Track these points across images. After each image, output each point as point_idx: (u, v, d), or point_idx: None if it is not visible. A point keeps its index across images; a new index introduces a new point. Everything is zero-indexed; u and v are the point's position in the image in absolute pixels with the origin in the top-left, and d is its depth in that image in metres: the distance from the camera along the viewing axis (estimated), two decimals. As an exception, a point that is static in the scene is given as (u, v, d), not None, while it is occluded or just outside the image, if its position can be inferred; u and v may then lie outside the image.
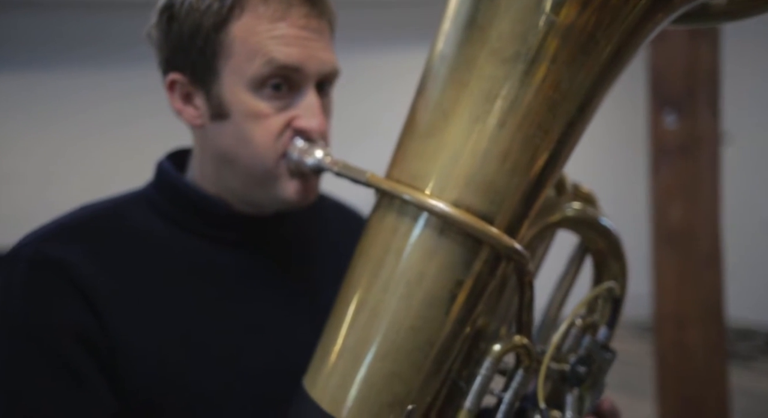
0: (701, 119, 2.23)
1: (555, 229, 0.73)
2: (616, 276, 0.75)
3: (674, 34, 2.25)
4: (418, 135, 0.60)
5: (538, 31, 0.56)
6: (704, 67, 2.22)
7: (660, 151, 2.31)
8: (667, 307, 2.28)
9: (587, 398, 0.70)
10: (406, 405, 0.56)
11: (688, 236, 2.24)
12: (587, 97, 0.59)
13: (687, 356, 2.21)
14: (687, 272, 2.25)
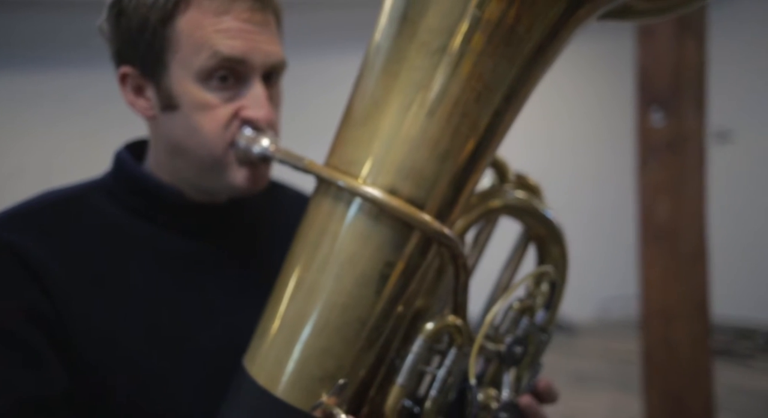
0: (687, 117, 2.25)
1: (497, 215, 0.76)
2: (557, 261, 0.78)
3: (661, 33, 2.27)
4: (353, 123, 0.63)
5: (463, 24, 0.59)
6: (690, 65, 2.24)
7: (647, 149, 2.33)
8: (654, 303, 2.30)
9: (524, 377, 0.73)
10: (337, 379, 0.59)
11: (674, 233, 2.26)
12: (513, 89, 0.62)
13: (673, 351, 2.23)
14: (673, 268, 2.27)
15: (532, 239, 0.79)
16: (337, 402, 0.59)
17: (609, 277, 5.81)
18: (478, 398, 0.69)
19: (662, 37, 2.24)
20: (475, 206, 0.72)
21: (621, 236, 5.43)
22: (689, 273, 2.25)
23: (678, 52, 2.23)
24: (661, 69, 2.27)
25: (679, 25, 2.21)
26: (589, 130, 6.16)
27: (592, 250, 6.14)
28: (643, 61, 2.31)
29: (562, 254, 0.78)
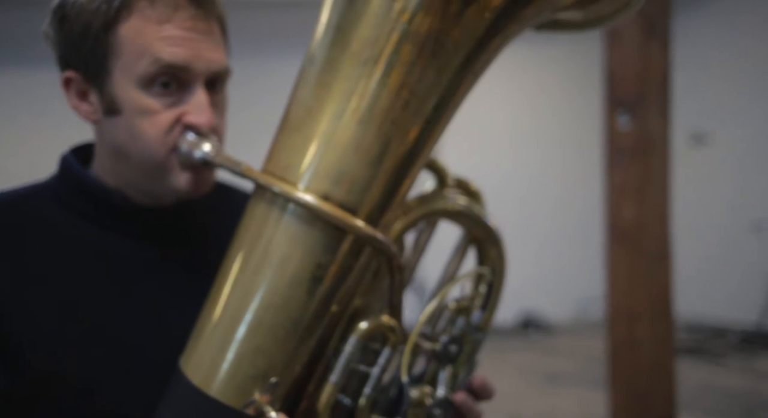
0: (653, 121, 2.30)
1: (436, 218, 0.78)
2: (494, 263, 0.81)
3: (628, 38, 2.32)
4: (289, 130, 0.66)
5: (391, 36, 0.62)
6: (656, 70, 2.29)
7: (614, 152, 2.38)
8: (619, 303, 2.35)
9: (460, 375, 0.76)
10: (269, 378, 0.62)
11: (639, 235, 2.31)
12: (442, 98, 0.65)
13: (637, 351, 2.27)
14: (638, 269, 2.32)
15: (471, 241, 0.81)
16: (269, 400, 0.61)
17: (585, 277, 5.88)
18: (414, 395, 0.71)
19: (629, 42, 2.29)
20: (414, 209, 0.74)
21: (597, 238, 5.50)
22: (653, 274, 2.30)
23: (644, 58, 2.28)
24: (628, 73, 2.32)
25: (645, 30, 2.26)
26: (559, 133, 6.23)
27: (568, 251, 6.21)
28: (611, 66, 2.35)
29: (499, 256, 0.81)
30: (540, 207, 6.22)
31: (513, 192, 6.09)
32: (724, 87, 5.80)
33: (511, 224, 6.64)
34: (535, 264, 6.05)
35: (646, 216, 2.31)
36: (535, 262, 6.06)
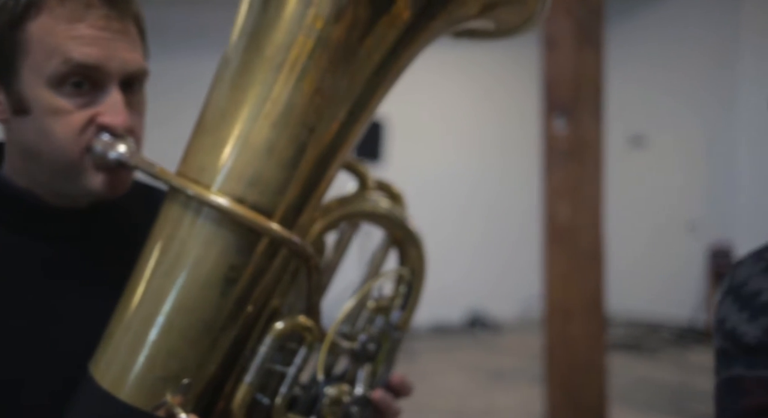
0: (587, 125, 2.38)
1: (357, 220, 0.80)
2: (414, 264, 0.83)
3: (563, 45, 2.39)
4: (203, 132, 0.66)
5: (307, 43, 0.63)
6: (589, 76, 2.38)
7: (551, 155, 2.45)
8: (555, 301, 2.42)
9: (378, 373, 0.77)
10: (181, 379, 0.62)
11: (573, 235, 2.39)
12: (356, 103, 0.67)
13: (571, 347, 2.35)
14: (573, 268, 2.40)
15: (392, 243, 0.83)
16: (181, 401, 0.62)
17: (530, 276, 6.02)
18: (331, 393, 0.73)
19: (564, 49, 2.37)
20: (334, 211, 0.76)
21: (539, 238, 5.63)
22: (586, 273, 2.38)
23: (578, 63, 2.36)
24: (564, 79, 2.40)
25: (580, 37, 2.35)
26: (499, 137, 6.36)
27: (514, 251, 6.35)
28: (547, 71, 2.43)
29: (419, 258, 0.83)
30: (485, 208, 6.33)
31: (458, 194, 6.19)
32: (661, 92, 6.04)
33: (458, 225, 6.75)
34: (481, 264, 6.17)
35: (581, 217, 2.39)
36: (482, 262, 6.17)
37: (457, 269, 5.98)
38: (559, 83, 2.38)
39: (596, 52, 2.37)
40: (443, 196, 6.12)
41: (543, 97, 2.43)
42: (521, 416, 3.62)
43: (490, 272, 6.14)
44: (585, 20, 2.30)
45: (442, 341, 5.65)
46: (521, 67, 5.85)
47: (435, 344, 5.51)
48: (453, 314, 6.13)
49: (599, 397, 2.32)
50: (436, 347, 5.42)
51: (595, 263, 2.40)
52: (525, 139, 5.82)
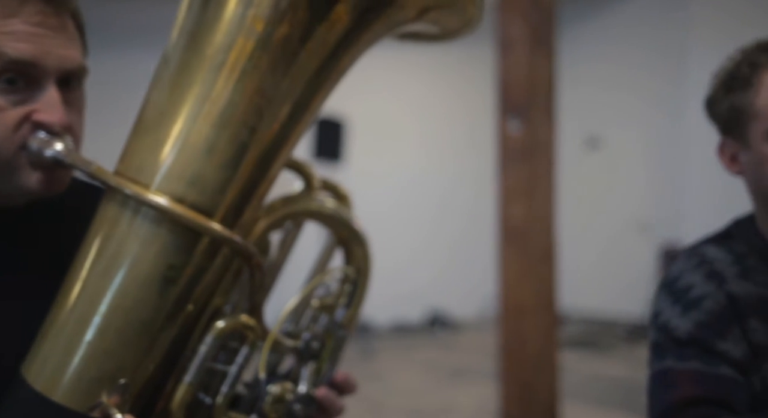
0: (540, 126, 2.44)
1: (302, 219, 0.81)
2: (360, 263, 0.84)
3: (517, 47, 2.44)
4: (142, 131, 0.66)
5: (247, 43, 0.64)
6: (542, 79, 2.43)
7: (505, 156, 2.50)
8: (509, 300, 2.47)
9: (322, 371, 0.78)
10: (117, 380, 0.62)
11: (526, 234, 2.44)
12: (298, 104, 0.67)
13: (524, 344, 2.40)
14: (526, 267, 2.45)
15: (338, 243, 0.84)
16: (118, 401, 0.61)
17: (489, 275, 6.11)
18: (274, 391, 0.73)
19: (518, 51, 2.42)
20: (278, 210, 0.76)
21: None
22: (539, 272, 2.43)
23: (532, 66, 2.41)
24: (518, 81, 2.44)
25: (533, 41, 2.40)
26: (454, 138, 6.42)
27: (473, 249, 6.43)
28: (502, 74, 2.47)
29: (365, 257, 0.84)
30: (445, 208, 6.39)
31: (418, 194, 6.24)
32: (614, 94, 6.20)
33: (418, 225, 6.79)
34: (441, 263, 6.23)
35: (534, 217, 2.44)
36: (442, 261, 6.23)
37: (417, 269, 6.03)
38: (513, 85, 2.42)
39: (549, 54, 2.42)
40: (403, 196, 6.15)
41: (498, 98, 2.48)
42: (477, 413, 3.67)
43: (450, 272, 6.20)
44: (538, 24, 2.35)
45: (403, 340, 5.68)
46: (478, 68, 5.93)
47: (395, 343, 5.54)
48: (413, 314, 6.17)
49: (551, 393, 2.37)
50: (396, 346, 5.45)
51: (547, 262, 2.45)
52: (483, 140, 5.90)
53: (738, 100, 0.90)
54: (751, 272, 0.92)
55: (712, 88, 0.95)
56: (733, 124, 0.92)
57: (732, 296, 0.90)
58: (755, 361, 0.87)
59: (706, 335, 0.88)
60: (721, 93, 0.93)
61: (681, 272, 0.97)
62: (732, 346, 0.87)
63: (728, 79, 0.92)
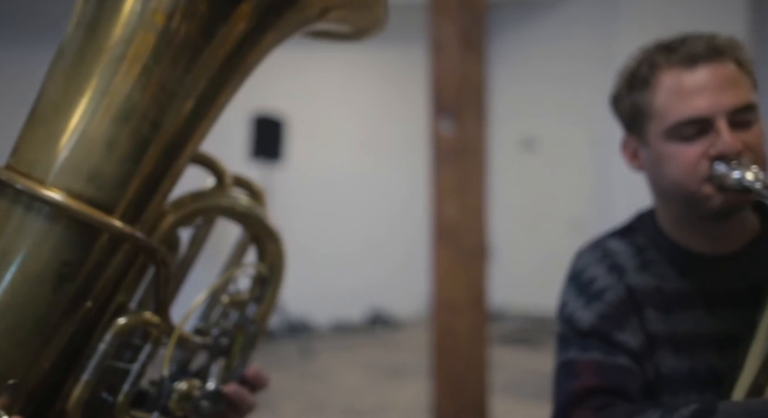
0: (471, 126, 2.49)
1: (213, 215, 0.80)
2: (273, 259, 0.84)
3: (448, 49, 2.49)
4: (35, 124, 0.64)
5: (147, 36, 0.63)
6: (473, 79, 2.48)
7: (438, 155, 2.54)
8: (442, 297, 2.51)
9: (233, 367, 0.78)
10: (6, 380, 0.60)
11: (458, 232, 2.49)
12: (202, 99, 0.67)
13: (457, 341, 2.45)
14: (458, 265, 2.50)
15: (251, 239, 0.84)
16: (6, 402, 0.60)
17: (428, 273, 6.18)
18: (180, 388, 0.72)
19: (449, 53, 2.46)
20: (186, 205, 0.76)
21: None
22: (471, 269, 2.49)
23: (463, 68, 2.47)
24: (449, 82, 2.49)
25: (464, 44, 2.45)
26: (390, 137, 6.47)
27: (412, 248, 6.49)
28: (434, 75, 2.51)
29: (278, 253, 0.84)
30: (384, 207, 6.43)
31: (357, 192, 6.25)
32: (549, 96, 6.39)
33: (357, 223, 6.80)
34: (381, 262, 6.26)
35: (466, 215, 2.50)
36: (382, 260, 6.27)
37: (358, 268, 6.04)
38: (445, 86, 2.47)
39: (479, 56, 2.48)
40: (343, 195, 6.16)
41: (430, 99, 2.52)
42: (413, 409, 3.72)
43: (391, 270, 6.24)
44: (468, 26, 2.40)
45: (343, 340, 5.69)
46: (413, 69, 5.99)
47: (335, 343, 5.54)
48: (354, 313, 6.18)
49: (481, 388, 2.43)
50: (336, 346, 5.45)
51: (478, 260, 2.51)
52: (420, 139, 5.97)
53: (638, 99, 0.92)
54: (649, 264, 0.96)
55: (616, 85, 0.98)
56: (634, 122, 0.95)
57: (631, 287, 0.94)
58: (649, 350, 0.91)
59: (607, 326, 0.92)
60: (623, 91, 0.96)
61: (585, 264, 1.01)
62: (630, 336, 0.91)
63: (630, 78, 0.94)
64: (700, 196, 0.88)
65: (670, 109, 0.88)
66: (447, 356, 2.47)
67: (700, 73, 0.87)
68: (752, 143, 0.86)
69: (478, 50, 2.46)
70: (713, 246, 0.94)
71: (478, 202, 2.52)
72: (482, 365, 2.45)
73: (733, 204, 0.88)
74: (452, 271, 2.49)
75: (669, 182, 0.92)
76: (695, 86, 0.87)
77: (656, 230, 0.98)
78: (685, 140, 0.88)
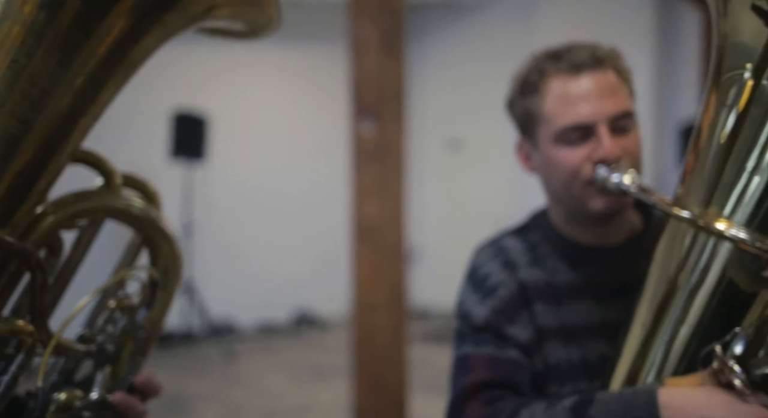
0: (391, 128, 2.51)
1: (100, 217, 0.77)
2: (167, 262, 0.81)
3: (368, 50, 2.50)
4: None
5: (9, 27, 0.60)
6: (393, 81, 2.50)
7: (358, 155, 2.55)
8: (362, 295, 2.52)
9: (120, 374, 0.75)
10: None
11: (379, 232, 2.51)
12: (81, 96, 0.64)
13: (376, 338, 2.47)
14: (378, 264, 2.51)
15: (143, 242, 0.81)
16: None
17: (355, 273, 6.18)
18: (60, 398, 0.69)
19: (369, 55, 2.47)
20: (68, 206, 0.72)
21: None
22: (390, 268, 2.51)
23: (382, 69, 2.48)
24: (370, 84, 2.50)
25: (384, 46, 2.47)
26: (312, 138, 6.44)
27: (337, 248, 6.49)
28: (355, 76, 2.52)
29: (172, 256, 0.81)
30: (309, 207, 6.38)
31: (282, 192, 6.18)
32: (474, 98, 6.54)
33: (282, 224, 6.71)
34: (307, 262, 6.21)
35: (386, 215, 2.52)
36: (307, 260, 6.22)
37: (283, 268, 5.97)
38: (365, 87, 2.48)
39: (399, 58, 2.50)
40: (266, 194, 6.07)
41: (350, 100, 2.52)
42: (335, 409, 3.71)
43: (317, 270, 6.20)
44: (388, 27, 2.42)
45: (268, 341, 5.60)
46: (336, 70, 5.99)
47: (260, 345, 5.45)
48: (280, 314, 6.10)
49: (400, 386, 2.46)
50: (261, 348, 5.36)
51: (398, 260, 2.54)
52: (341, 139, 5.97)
53: (529, 104, 0.97)
54: (541, 259, 1.00)
55: (510, 90, 1.02)
56: (526, 126, 0.99)
57: (522, 282, 0.98)
58: (539, 342, 0.95)
59: (499, 320, 0.95)
60: (516, 96, 1.00)
61: (481, 262, 1.04)
62: (520, 330, 0.94)
63: (521, 84, 0.98)
64: (584, 198, 0.93)
65: (557, 115, 0.93)
66: (367, 356, 2.48)
67: (584, 81, 0.92)
68: (630, 148, 0.92)
69: (398, 52, 2.48)
70: (600, 240, 1.00)
71: (399, 202, 2.54)
72: (402, 363, 2.48)
73: (613, 206, 0.93)
74: (373, 270, 2.51)
75: (557, 184, 0.96)
76: (579, 94, 0.92)
77: (548, 227, 1.02)
78: (570, 145, 0.93)
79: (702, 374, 0.72)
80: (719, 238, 0.69)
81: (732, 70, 0.67)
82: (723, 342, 0.70)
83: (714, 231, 0.68)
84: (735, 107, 0.67)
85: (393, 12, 2.40)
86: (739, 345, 0.68)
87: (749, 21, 0.64)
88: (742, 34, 0.66)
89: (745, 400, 0.68)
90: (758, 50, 0.63)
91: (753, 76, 0.64)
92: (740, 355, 0.68)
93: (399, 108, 2.52)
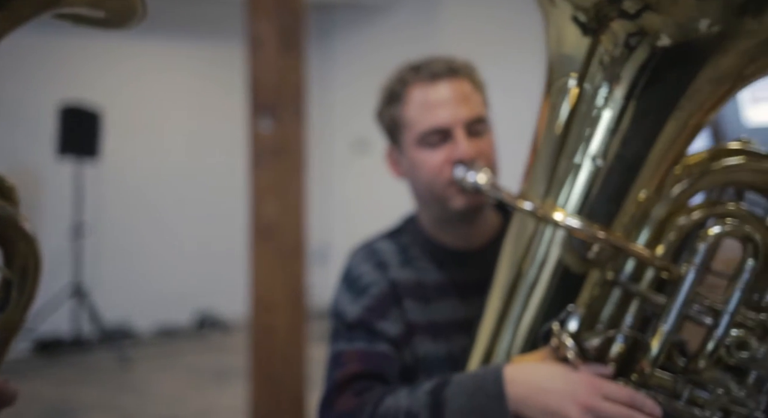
0: (290, 126, 2.50)
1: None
2: (26, 261, 0.77)
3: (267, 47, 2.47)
4: None
5: None
6: (292, 79, 2.49)
7: (257, 154, 2.51)
8: (261, 296, 2.49)
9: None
10: None
11: (278, 231, 2.49)
12: None
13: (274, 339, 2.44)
14: (277, 264, 2.49)
15: (-1, 240, 0.76)
16: None
17: (259, 274, 6.08)
18: None
19: (267, 52, 2.45)
20: None
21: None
22: (290, 268, 2.49)
23: (281, 67, 2.46)
24: (268, 81, 2.47)
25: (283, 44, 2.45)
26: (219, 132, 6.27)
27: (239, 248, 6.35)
28: (252, 73, 2.48)
29: (31, 255, 0.77)
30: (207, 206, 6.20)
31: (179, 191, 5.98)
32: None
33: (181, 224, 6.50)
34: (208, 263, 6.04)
35: (285, 214, 2.50)
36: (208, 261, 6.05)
37: (183, 270, 5.77)
38: (263, 85, 2.44)
39: (298, 56, 2.49)
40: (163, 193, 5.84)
41: (248, 97, 2.48)
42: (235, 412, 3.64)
43: (217, 271, 6.04)
44: (287, 25, 2.40)
45: (168, 346, 5.40)
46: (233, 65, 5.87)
47: (159, 350, 5.24)
48: (181, 317, 5.90)
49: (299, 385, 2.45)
50: (159, 353, 5.16)
51: (298, 259, 2.52)
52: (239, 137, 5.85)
53: (394, 112, 1.06)
54: (412, 260, 1.08)
55: (378, 101, 1.10)
56: (393, 133, 1.08)
57: (394, 281, 1.04)
58: (408, 336, 1.01)
59: (371, 317, 1.01)
60: (383, 106, 1.09)
61: (355, 263, 1.10)
62: (390, 325, 1.00)
63: (387, 94, 1.08)
64: (446, 197, 1.01)
65: (418, 120, 1.02)
66: (265, 356, 2.45)
67: (441, 88, 1.01)
68: (485, 150, 1.02)
69: (297, 50, 2.47)
70: (465, 242, 1.08)
71: (299, 201, 2.53)
72: (301, 363, 2.47)
73: (471, 205, 1.01)
74: (271, 270, 2.48)
75: (422, 186, 1.05)
76: (437, 100, 1.01)
77: (418, 231, 1.10)
78: (431, 147, 1.01)
79: (544, 350, 0.80)
80: (555, 226, 0.77)
81: (560, 78, 0.75)
82: (559, 319, 0.78)
83: (551, 220, 0.75)
84: (564, 110, 0.75)
85: (292, 10, 2.39)
86: (573, 322, 0.77)
87: (571, 33, 0.73)
88: (566, 45, 0.74)
89: (578, 370, 0.76)
90: (580, 59, 0.72)
91: (577, 82, 0.73)
92: (575, 331, 0.76)
93: (298, 106, 2.50)
